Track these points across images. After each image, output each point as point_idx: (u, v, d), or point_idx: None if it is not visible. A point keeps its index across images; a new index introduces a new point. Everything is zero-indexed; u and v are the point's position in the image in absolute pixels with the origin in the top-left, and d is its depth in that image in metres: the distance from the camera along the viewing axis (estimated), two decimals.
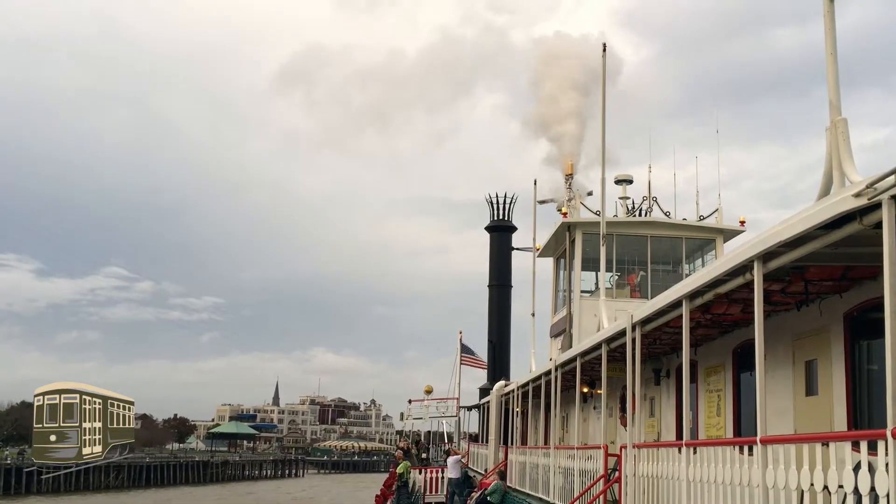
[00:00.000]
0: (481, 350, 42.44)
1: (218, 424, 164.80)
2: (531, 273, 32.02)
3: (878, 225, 5.96)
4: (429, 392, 41.74)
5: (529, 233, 32.67)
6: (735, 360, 12.07)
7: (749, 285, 8.25)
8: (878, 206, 5.91)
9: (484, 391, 40.00)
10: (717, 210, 26.33)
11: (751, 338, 8.59)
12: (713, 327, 11.78)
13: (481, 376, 43.22)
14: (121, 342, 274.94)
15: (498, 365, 42.48)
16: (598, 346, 14.17)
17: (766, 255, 7.69)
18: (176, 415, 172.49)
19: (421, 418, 42.12)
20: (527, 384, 23.15)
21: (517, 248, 43.86)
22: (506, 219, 46.43)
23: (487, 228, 47.14)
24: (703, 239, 26.29)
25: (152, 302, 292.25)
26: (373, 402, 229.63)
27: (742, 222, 26.04)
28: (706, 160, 28.02)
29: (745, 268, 8.25)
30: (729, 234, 25.94)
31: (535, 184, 31.82)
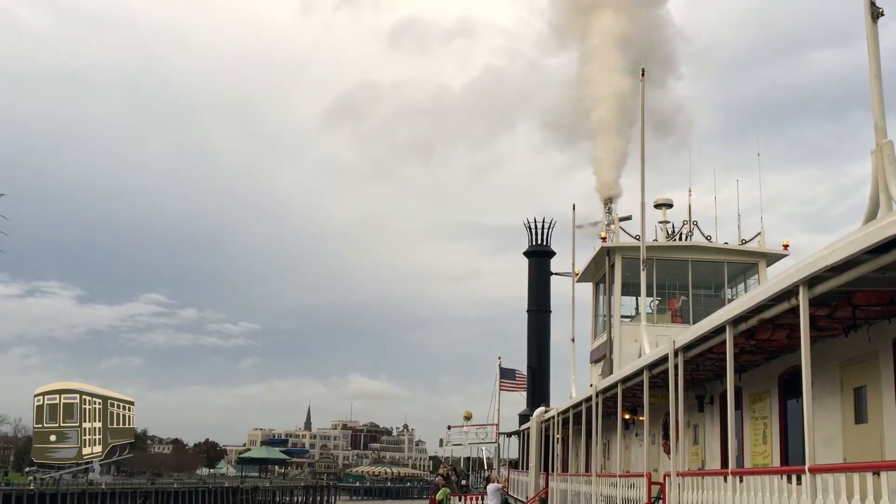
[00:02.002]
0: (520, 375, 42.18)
1: (249, 449, 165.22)
2: (570, 298, 31.84)
3: None
4: (468, 418, 41.55)
5: (568, 258, 32.53)
6: (781, 387, 11.85)
7: (794, 310, 8.13)
8: None
9: (523, 417, 39.69)
10: (759, 234, 25.98)
11: (797, 364, 8.45)
12: (758, 353, 11.60)
13: (520, 402, 42.93)
14: (160, 368, 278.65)
15: (538, 391, 42.17)
16: (639, 372, 14.02)
17: (812, 280, 7.58)
18: (207, 439, 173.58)
19: (460, 444, 41.89)
20: (567, 410, 22.94)
21: (556, 273, 43.66)
22: (544, 244, 46.31)
23: (526, 253, 47.04)
24: (746, 263, 25.93)
25: (189, 328, 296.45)
26: (405, 426, 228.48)
27: (785, 246, 25.65)
28: (743, 183, 27.63)
29: (790, 293, 8.14)
30: (772, 259, 25.56)
31: (573, 208, 31.72)
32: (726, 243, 26.05)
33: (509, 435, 41.89)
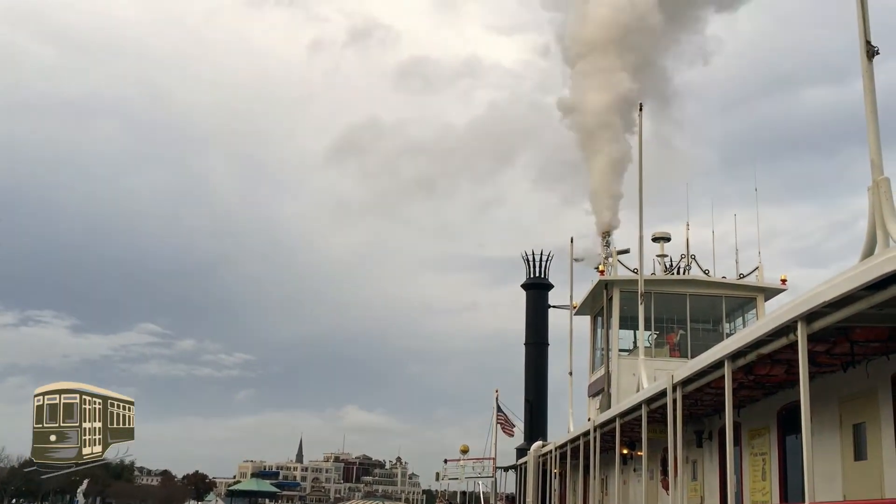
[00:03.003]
0: (517, 408, 41.96)
1: (239, 482, 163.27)
2: (568, 331, 31.78)
3: None
4: (465, 451, 41.21)
5: (566, 290, 32.53)
6: (780, 423, 11.79)
7: (793, 346, 8.12)
8: None
9: (521, 451, 39.39)
10: (757, 268, 26.02)
11: (796, 399, 8.42)
12: (756, 388, 11.56)
13: (518, 436, 42.61)
14: (153, 398, 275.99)
15: (535, 425, 41.90)
16: (637, 407, 13.96)
17: (810, 316, 7.59)
18: (197, 471, 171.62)
19: (457, 478, 41.50)
20: (565, 445, 22.78)
21: (554, 306, 43.58)
22: (542, 276, 46.31)
23: (524, 286, 47.01)
24: (744, 298, 25.93)
25: (184, 359, 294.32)
26: (398, 459, 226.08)
27: (783, 280, 25.66)
28: (739, 217, 27.78)
29: (788, 328, 8.14)
30: (770, 293, 25.56)
31: (571, 241, 31.80)
32: (724, 277, 26.07)
33: (506, 469, 41.53)
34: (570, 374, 31.11)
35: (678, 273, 26.62)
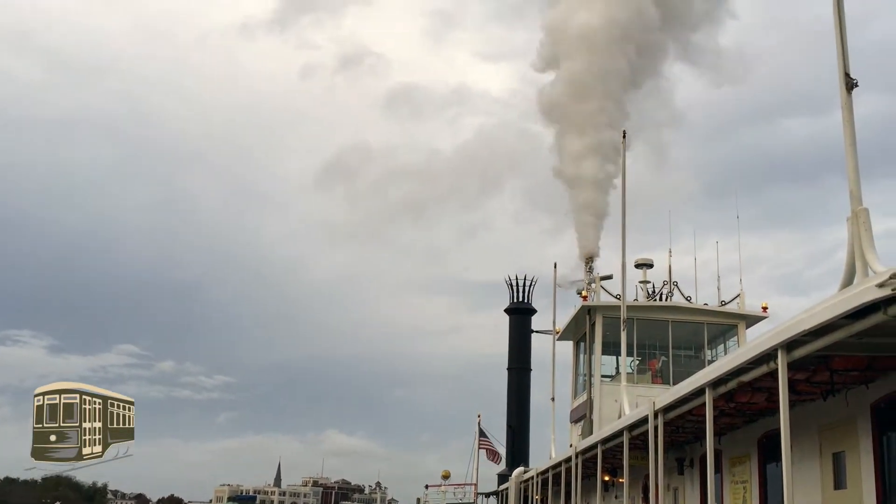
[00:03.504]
0: (499, 432, 41.82)
1: None
2: (550, 356, 31.74)
3: None
4: (446, 477, 41.00)
5: (549, 315, 32.53)
6: (760, 451, 11.81)
7: (773, 374, 8.16)
8: None
9: (502, 477, 39.17)
10: (738, 295, 26.16)
11: (776, 427, 8.44)
12: (737, 416, 11.58)
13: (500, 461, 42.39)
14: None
15: (517, 450, 41.73)
16: (619, 434, 13.94)
17: (790, 344, 7.63)
18: (172, 495, 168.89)
19: None
20: (546, 471, 22.68)
21: (537, 331, 43.53)
22: (526, 301, 46.36)
23: (507, 311, 47.06)
24: (726, 325, 26.04)
25: (163, 380, 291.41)
26: (378, 484, 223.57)
27: (764, 308, 25.82)
28: (721, 245, 28.01)
29: (768, 356, 8.18)
30: (751, 321, 25.69)
31: (555, 267, 31.87)
32: (706, 304, 26.19)
33: (488, 495, 41.27)
34: (553, 399, 31.02)
35: (660, 299, 26.72)
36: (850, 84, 8.74)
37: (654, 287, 27.26)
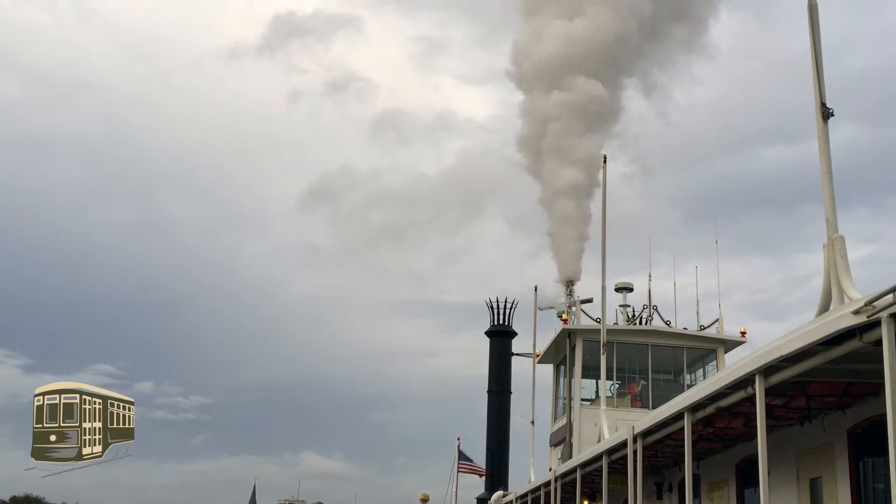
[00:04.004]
0: (478, 456, 41.60)
1: None
2: (531, 379, 31.70)
3: (878, 342, 6.00)
4: (425, 500, 40.64)
5: (529, 338, 32.52)
6: (739, 476, 11.85)
7: (751, 399, 8.21)
8: (877, 323, 5.96)
9: (481, 501, 38.96)
10: (717, 320, 26.32)
11: (754, 453, 8.48)
12: (716, 441, 11.62)
13: (478, 485, 42.19)
14: None
15: (496, 474, 41.53)
16: (598, 458, 13.93)
17: (768, 370, 7.68)
18: None
19: None
20: (525, 495, 22.59)
21: (517, 354, 43.50)
22: (506, 324, 46.34)
23: (488, 333, 46.96)
24: (705, 349, 26.17)
25: (139, 401, 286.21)
26: None
27: (743, 333, 25.97)
28: (700, 270, 28.25)
29: (746, 381, 8.23)
30: (730, 345, 25.84)
31: (535, 290, 31.92)
32: (685, 329, 26.33)
33: None
34: (532, 422, 30.95)
35: (640, 323, 26.83)
36: (826, 113, 8.87)
37: (634, 311, 27.41)
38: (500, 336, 45.86)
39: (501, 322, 46.19)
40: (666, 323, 26.52)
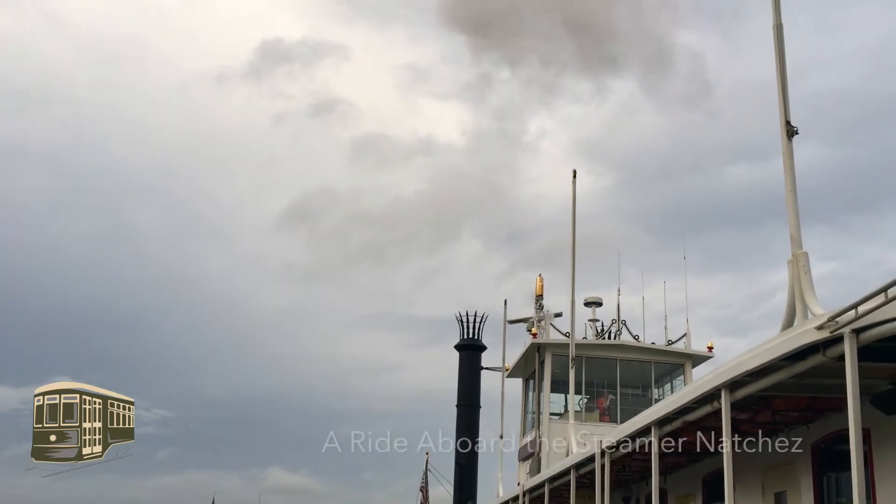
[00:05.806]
0: (447, 470, 41.46)
1: None
2: (499, 394, 31.64)
3: (841, 357, 6.08)
4: None
5: (499, 352, 32.51)
6: (705, 490, 11.92)
7: (717, 413, 8.27)
8: (840, 339, 6.04)
9: None
10: (685, 335, 26.51)
11: (720, 467, 8.54)
12: (683, 455, 11.68)
13: (447, 499, 42.01)
14: None
15: (465, 488, 41.39)
16: (566, 472, 13.94)
17: (734, 384, 7.75)
18: None
19: None
20: None
21: (487, 368, 43.44)
22: (476, 338, 46.30)
23: (457, 347, 46.91)
24: (672, 364, 26.34)
25: None
26: None
27: (710, 348, 26.17)
28: (668, 285, 28.43)
29: (712, 396, 8.29)
30: (697, 360, 26.01)
31: (505, 304, 31.93)
32: (653, 343, 26.47)
33: None
34: (501, 437, 30.87)
35: (609, 338, 26.94)
36: (790, 131, 8.99)
37: (602, 325, 27.51)
38: (470, 350, 45.80)
39: (471, 336, 46.19)
40: (634, 337, 26.65)
